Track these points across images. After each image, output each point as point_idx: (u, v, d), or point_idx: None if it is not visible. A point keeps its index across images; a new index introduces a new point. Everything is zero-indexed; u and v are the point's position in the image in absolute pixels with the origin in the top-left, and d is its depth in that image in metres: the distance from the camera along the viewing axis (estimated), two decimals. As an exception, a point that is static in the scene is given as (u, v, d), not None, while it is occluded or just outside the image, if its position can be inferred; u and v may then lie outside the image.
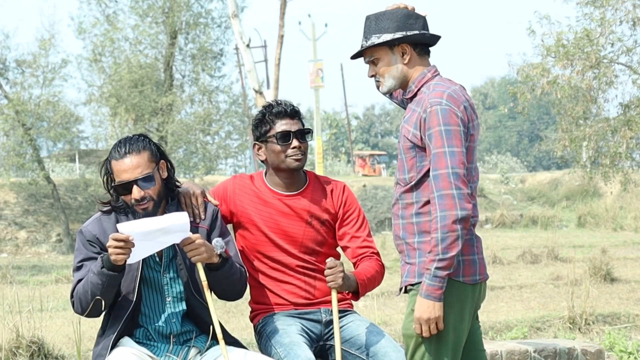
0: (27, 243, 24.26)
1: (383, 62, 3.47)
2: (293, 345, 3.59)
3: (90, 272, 3.44)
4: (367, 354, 3.69)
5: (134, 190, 3.51)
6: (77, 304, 3.51)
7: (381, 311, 8.64)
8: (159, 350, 3.59)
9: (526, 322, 7.97)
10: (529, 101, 13.35)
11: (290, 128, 3.82)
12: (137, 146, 3.53)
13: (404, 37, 3.41)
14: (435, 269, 3.23)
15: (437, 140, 3.26)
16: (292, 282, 3.85)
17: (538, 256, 14.79)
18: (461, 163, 3.25)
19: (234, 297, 3.72)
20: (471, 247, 3.37)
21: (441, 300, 3.26)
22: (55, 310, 9.03)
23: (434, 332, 3.28)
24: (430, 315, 3.26)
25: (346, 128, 54.97)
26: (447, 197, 3.22)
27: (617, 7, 12.75)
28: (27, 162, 24.47)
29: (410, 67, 3.46)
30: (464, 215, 3.22)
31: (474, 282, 3.37)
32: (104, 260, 3.40)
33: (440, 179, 3.24)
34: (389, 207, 28.20)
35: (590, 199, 27.51)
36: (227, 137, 26.41)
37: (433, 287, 3.24)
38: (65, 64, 24.93)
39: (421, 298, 3.27)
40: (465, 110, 3.33)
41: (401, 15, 3.44)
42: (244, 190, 3.87)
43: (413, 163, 3.37)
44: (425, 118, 3.31)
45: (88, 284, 3.44)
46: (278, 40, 18.79)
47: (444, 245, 3.21)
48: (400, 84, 3.49)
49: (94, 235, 3.57)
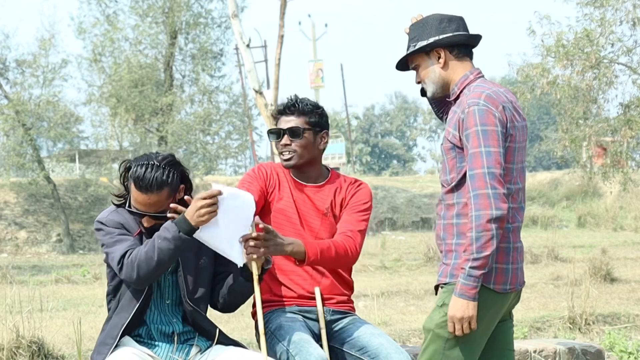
0: (27, 243, 24.26)
1: (422, 68, 3.52)
2: (304, 343, 3.57)
3: (157, 239, 3.40)
4: (369, 355, 3.68)
5: (144, 220, 3.56)
6: (134, 270, 3.43)
7: (381, 311, 8.63)
8: (160, 349, 3.59)
9: (526, 322, 7.97)
10: (529, 101, 13.36)
11: (282, 125, 3.86)
12: (160, 182, 3.48)
13: (434, 42, 3.44)
14: (470, 269, 3.23)
15: (473, 140, 3.28)
16: (299, 272, 3.83)
17: (538, 256, 14.78)
18: (497, 163, 3.25)
19: (237, 307, 3.74)
20: (506, 256, 3.36)
21: (476, 299, 3.26)
22: (55, 310, 9.03)
23: (467, 331, 3.30)
24: (464, 315, 3.27)
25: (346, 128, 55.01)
26: (482, 197, 3.23)
27: (617, 7, 12.76)
28: (27, 162, 24.46)
29: (449, 70, 3.48)
30: (499, 215, 3.21)
31: (504, 292, 3.37)
32: (179, 225, 3.38)
33: (476, 178, 3.25)
34: (389, 207, 28.20)
35: (590, 199, 27.49)
36: (227, 137, 26.40)
37: (467, 287, 3.25)
38: (65, 64, 24.94)
39: (455, 297, 3.28)
40: (504, 110, 3.32)
41: (433, 20, 3.48)
42: (273, 175, 3.90)
43: (454, 164, 3.39)
44: (463, 119, 3.33)
45: (154, 250, 3.39)
46: (278, 40, 18.78)
47: (479, 245, 3.21)
48: (441, 89, 3.51)
49: (118, 222, 3.57)
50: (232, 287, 3.62)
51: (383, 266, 14.82)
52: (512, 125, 3.36)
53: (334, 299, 3.90)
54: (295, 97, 3.90)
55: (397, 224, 27.27)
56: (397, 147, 73.72)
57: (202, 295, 3.64)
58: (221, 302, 3.68)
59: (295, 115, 3.86)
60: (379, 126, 75.95)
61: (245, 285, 3.56)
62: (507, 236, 3.35)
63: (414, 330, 7.57)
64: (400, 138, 76.07)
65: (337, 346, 3.80)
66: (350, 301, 3.98)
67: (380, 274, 13.79)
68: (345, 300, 3.94)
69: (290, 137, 3.83)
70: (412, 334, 7.53)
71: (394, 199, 28.52)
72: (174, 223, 3.39)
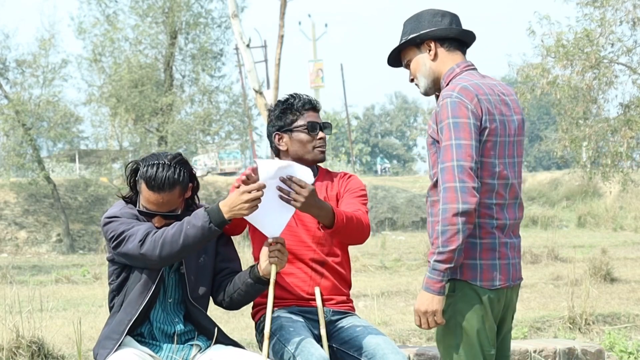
0: (27, 243, 24.25)
1: (414, 63, 3.46)
2: (305, 343, 3.58)
3: (186, 225, 3.38)
4: (366, 355, 3.68)
5: (155, 220, 3.54)
6: (156, 248, 3.41)
7: (381, 311, 8.64)
8: (161, 349, 3.60)
9: (526, 322, 7.97)
10: (529, 101, 13.37)
11: (317, 120, 3.91)
12: (172, 181, 3.47)
13: (425, 34, 3.39)
14: (435, 262, 3.17)
15: (445, 133, 3.21)
16: (298, 275, 3.84)
17: (538, 256, 14.78)
18: (468, 156, 3.16)
19: (242, 306, 3.73)
20: (492, 252, 3.29)
21: (441, 294, 3.20)
22: (55, 310, 9.03)
23: (432, 325, 3.25)
24: (429, 308, 3.21)
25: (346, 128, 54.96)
26: (449, 190, 3.15)
27: (617, 8, 12.77)
28: (27, 162, 24.46)
29: (439, 62, 3.41)
30: (466, 209, 3.13)
31: (494, 287, 3.29)
32: (211, 215, 3.37)
33: (446, 171, 3.18)
34: (389, 207, 28.20)
35: (590, 199, 27.50)
36: (227, 137, 26.39)
37: (432, 280, 3.19)
38: (65, 64, 24.92)
39: (422, 290, 3.24)
40: (479, 103, 3.24)
41: (427, 14, 3.45)
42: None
43: (435, 159, 3.32)
44: (438, 111, 3.28)
45: (180, 235, 3.38)
46: (278, 40, 18.77)
47: (444, 239, 3.14)
48: (432, 83, 3.44)
49: (133, 214, 3.57)
50: (240, 288, 3.60)
51: (383, 266, 14.82)
52: (491, 118, 3.26)
53: (334, 299, 3.91)
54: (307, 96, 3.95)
55: (397, 224, 27.27)
56: (397, 147, 73.73)
57: (204, 294, 3.65)
58: (227, 301, 3.67)
59: (318, 113, 3.95)
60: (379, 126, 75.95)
61: (254, 287, 3.56)
62: (491, 232, 3.28)
63: (414, 330, 7.57)
64: (400, 138, 76.07)
65: (336, 346, 3.80)
66: (350, 300, 3.98)
67: (380, 274, 13.79)
68: (344, 300, 3.94)
69: (325, 133, 3.91)
70: (412, 334, 7.53)
71: (394, 199, 28.52)
72: (206, 212, 3.38)
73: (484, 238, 3.27)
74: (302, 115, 3.89)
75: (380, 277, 13.37)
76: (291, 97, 3.93)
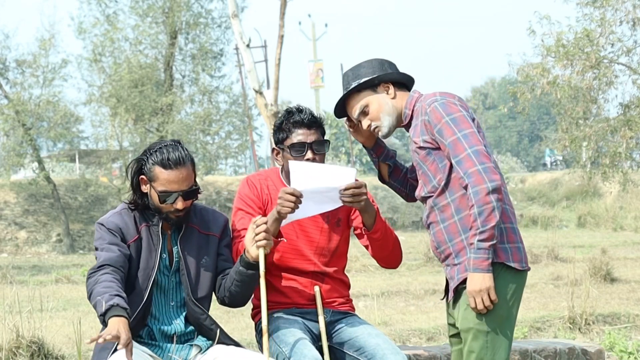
0: (27, 243, 24.25)
1: (373, 105, 3.60)
2: (300, 345, 3.58)
3: (97, 295, 3.29)
4: (365, 356, 3.68)
5: (178, 201, 3.50)
6: (88, 292, 3.41)
7: (381, 311, 8.64)
8: (162, 350, 3.59)
9: (526, 322, 7.97)
10: (529, 101, 13.36)
11: (306, 139, 3.72)
12: (185, 155, 3.50)
13: (384, 75, 3.59)
14: (479, 242, 3.30)
15: (447, 131, 3.39)
16: (297, 287, 3.83)
17: (538, 256, 14.79)
18: (477, 140, 3.37)
19: (244, 300, 3.71)
20: (514, 236, 3.46)
21: (490, 271, 3.33)
22: (55, 310, 9.03)
23: (487, 303, 3.34)
24: (482, 286, 3.33)
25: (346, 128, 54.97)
26: (474, 174, 3.32)
27: (617, 8, 12.76)
28: (27, 162, 24.44)
29: (398, 100, 3.62)
30: (495, 186, 3.30)
31: (523, 269, 3.46)
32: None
33: (464, 161, 3.34)
34: (389, 207, 28.19)
35: (590, 199, 27.50)
36: (227, 137, 26.36)
37: (479, 259, 3.32)
38: (65, 64, 24.91)
39: (470, 273, 3.34)
40: (461, 100, 3.49)
41: (376, 62, 3.63)
42: (264, 190, 3.81)
43: (435, 167, 3.48)
44: (428, 120, 3.44)
45: (93, 298, 3.32)
46: (278, 40, 18.74)
47: (482, 219, 3.29)
48: (396, 120, 3.61)
49: (117, 226, 3.55)
50: (235, 279, 3.59)
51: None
52: (471, 112, 3.49)
53: (335, 301, 3.91)
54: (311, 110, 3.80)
55: (397, 224, 27.27)
56: (397, 147, 73.77)
57: (206, 295, 3.64)
58: (227, 296, 3.64)
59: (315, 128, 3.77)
60: (379, 126, 75.96)
61: (246, 274, 3.53)
62: (509, 217, 3.45)
63: (414, 330, 7.58)
64: (400, 138, 76.11)
65: (336, 346, 3.81)
66: (350, 301, 3.98)
67: (380, 274, 13.79)
68: (344, 301, 3.94)
69: (315, 152, 3.73)
70: (412, 333, 7.53)
71: (394, 199, 28.50)
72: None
73: (505, 222, 3.43)
74: (291, 134, 3.74)
75: (380, 277, 13.37)
76: (289, 112, 3.78)
